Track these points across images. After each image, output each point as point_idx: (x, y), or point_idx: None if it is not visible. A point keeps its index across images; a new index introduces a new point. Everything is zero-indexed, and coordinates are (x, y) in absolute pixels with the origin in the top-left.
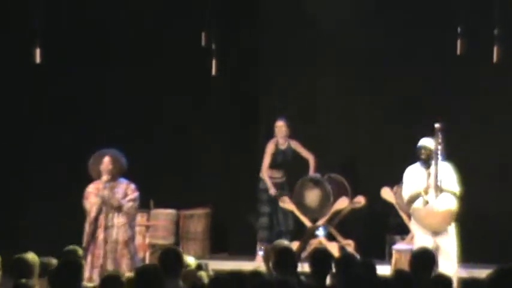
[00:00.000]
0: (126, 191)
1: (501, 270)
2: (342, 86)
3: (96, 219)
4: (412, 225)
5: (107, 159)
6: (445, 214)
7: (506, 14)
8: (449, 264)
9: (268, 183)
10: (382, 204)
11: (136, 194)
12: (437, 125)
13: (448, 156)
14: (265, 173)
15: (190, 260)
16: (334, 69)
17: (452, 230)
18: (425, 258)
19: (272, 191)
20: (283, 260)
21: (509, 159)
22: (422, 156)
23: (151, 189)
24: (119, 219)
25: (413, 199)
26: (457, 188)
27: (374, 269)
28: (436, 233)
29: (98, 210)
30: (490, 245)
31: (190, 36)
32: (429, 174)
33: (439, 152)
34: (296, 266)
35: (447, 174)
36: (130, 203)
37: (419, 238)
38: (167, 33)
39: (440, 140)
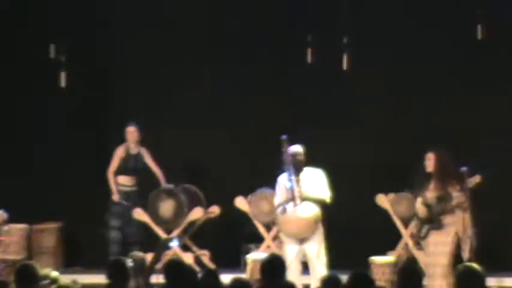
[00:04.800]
0: None
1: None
2: (195, 95)
3: None
4: (281, 234)
5: None
6: (307, 220)
7: (353, 22)
8: (317, 269)
9: (113, 187)
10: (236, 213)
11: None
12: (283, 137)
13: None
14: (110, 175)
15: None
16: (188, 77)
17: (318, 235)
18: (274, 265)
19: (115, 196)
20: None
21: (360, 164)
22: (298, 164)
23: (1, 203)
24: None
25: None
26: (326, 194)
27: (217, 277)
28: (301, 240)
29: None
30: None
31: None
32: (298, 182)
33: (290, 162)
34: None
35: (317, 180)
36: None
37: (286, 248)
38: (17, 43)
39: (287, 151)
